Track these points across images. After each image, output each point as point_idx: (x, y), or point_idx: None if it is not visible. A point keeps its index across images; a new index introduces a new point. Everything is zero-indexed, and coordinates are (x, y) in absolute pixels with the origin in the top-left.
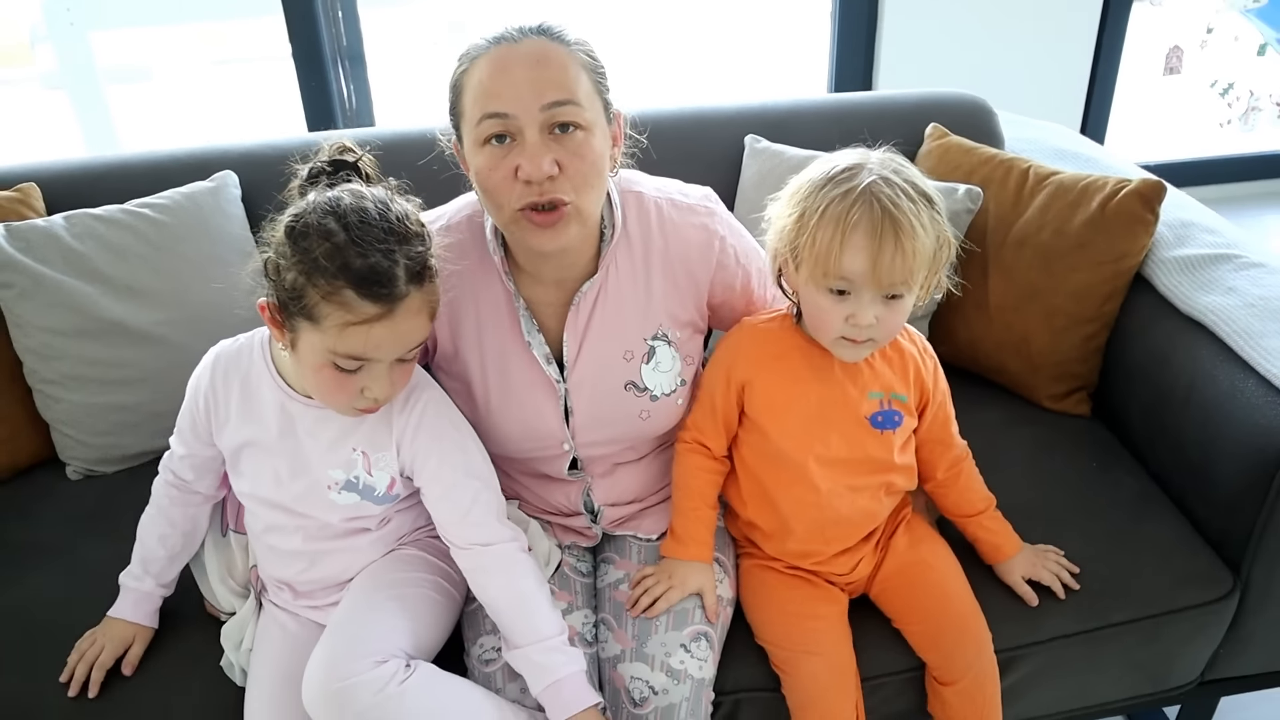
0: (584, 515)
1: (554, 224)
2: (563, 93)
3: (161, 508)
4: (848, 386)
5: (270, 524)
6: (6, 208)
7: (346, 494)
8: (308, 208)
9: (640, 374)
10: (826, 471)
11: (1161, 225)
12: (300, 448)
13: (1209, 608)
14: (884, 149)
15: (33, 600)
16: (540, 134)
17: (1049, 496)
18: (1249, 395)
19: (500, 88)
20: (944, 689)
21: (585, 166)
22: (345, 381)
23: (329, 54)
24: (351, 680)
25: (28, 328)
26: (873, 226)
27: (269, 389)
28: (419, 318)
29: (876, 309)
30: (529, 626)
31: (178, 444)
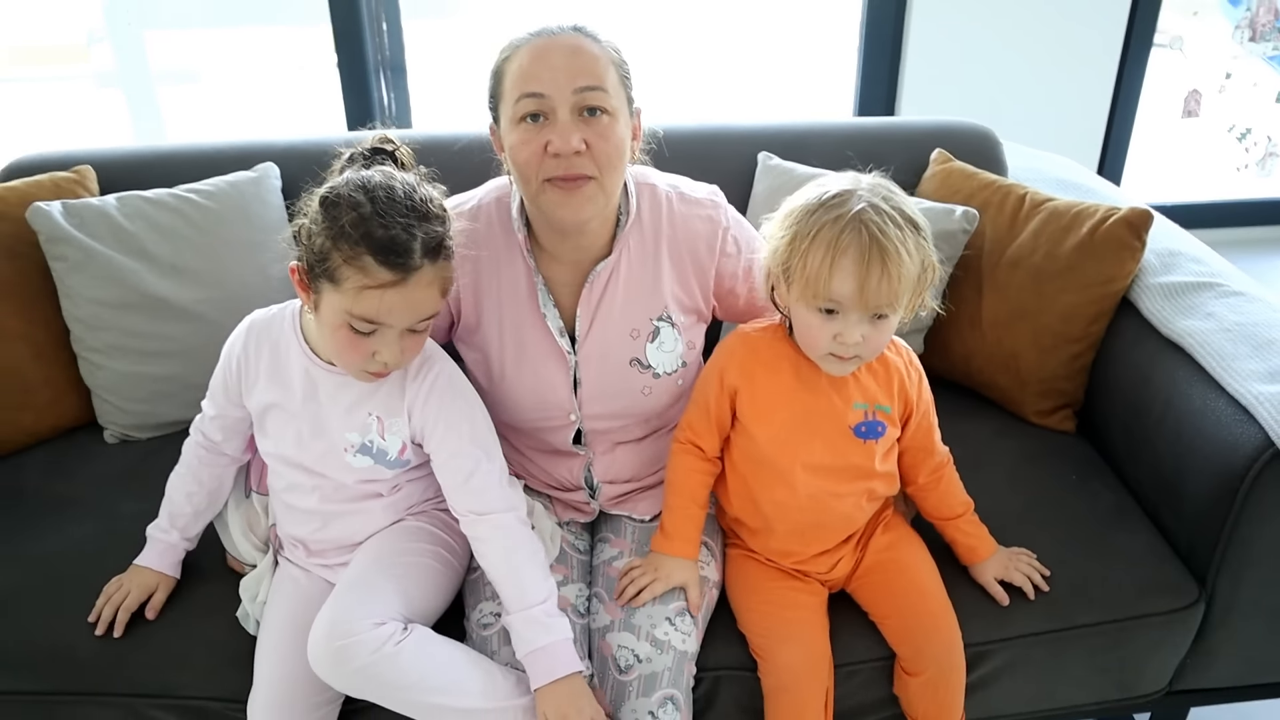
0: (583, 490)
1: (577, 191)
2: (593, 79)
3: (190, 467)
4: (833, 397)
5: (290, 483)
6: (64, 187)
7: (361, 457)
8: (341, 182)
9: (645, 352)
10: (809, 477)
11: (1150, 253)
12: (321, 411)
13: (1173, 616)
14: (875, 174)
15: (67, 549)
16: (571, 114)
17: (1027, 504)
18: (1219, 413)
19: (539, 71)
20: (910, 679)
21: (609, 147)
22: (359, 343)
23: (372, 63)
24: (351, 639)
25: (77, 298)
26: (861, 252)
27: (296, 355)
28: (429, 290)
29: (863, 328)
30: (519, 593)
31: (209, 406)
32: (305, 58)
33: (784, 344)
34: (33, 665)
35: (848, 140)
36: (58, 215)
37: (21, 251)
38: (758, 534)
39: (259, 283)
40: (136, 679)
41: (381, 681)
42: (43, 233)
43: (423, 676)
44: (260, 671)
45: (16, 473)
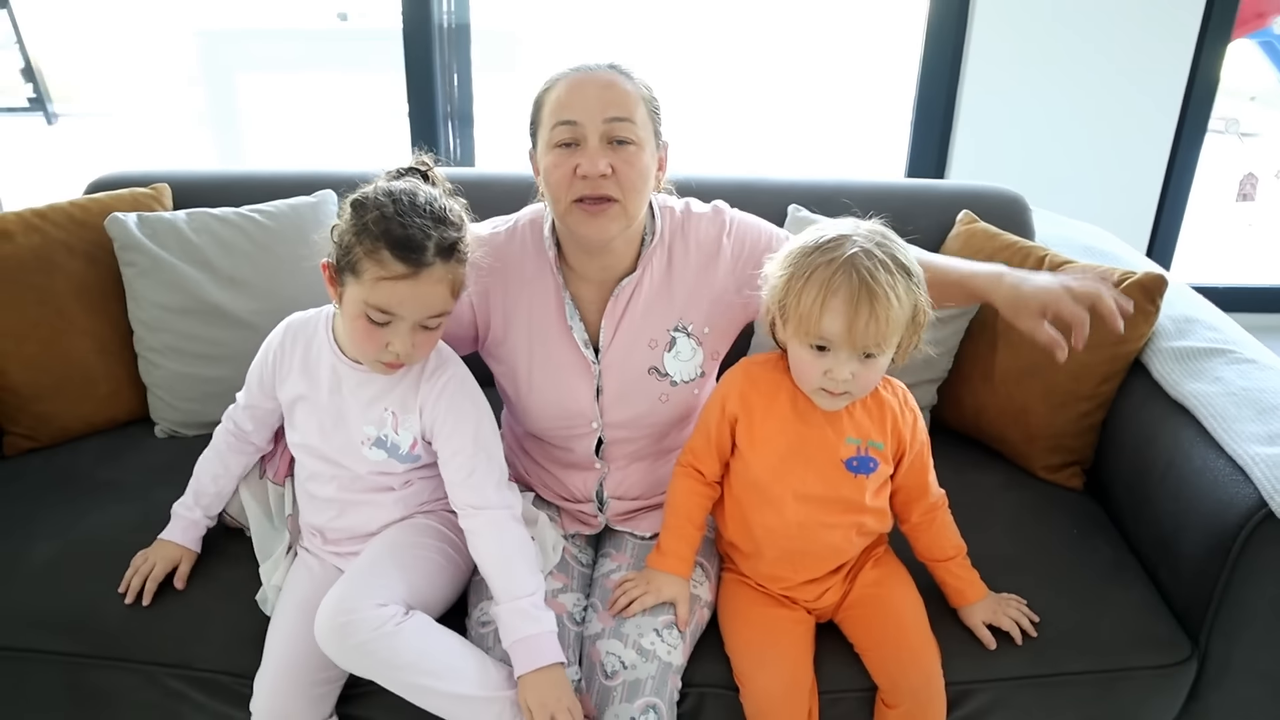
0: (593, 504)
1: (602, 212)
2: (622, 111)
3: (219, 451)
4: (827, 430)
5: (312, 472)
6: (141, 201)
7: (376, 450)
8: (373, 189)
9: (662, 360)
10: (799, 505)
11: (1166, 319)
12: (343, 405)
13: (1163, 671)
14: (875, 220)
15: (107, 528)
16: (600, 141)
17: (1025, 554)
18: (1216, 473)
19: (574, 101)
20: (888, 710)
21: (633, 173)
22: (374, 334)
23: (441, 113)
24: (354, 616)
25: (142, 301)
26: (851, 294)
27: (326, 353)
28: (439, 287)
29: (853, 366)
30: (508, 585)
31: (244, 396)
32: (381, 104)
33: (783, 376)
34: (67, 629)
35: (877, 197)
36: (132, 225)
37: (98, 256)
38: (749, 558)
39: (307, 299)
40: (158, 649)
41: (379, 659)
42: (118, 240)
43: (419, 658)
44: (270, 649)
45: (72, 457)
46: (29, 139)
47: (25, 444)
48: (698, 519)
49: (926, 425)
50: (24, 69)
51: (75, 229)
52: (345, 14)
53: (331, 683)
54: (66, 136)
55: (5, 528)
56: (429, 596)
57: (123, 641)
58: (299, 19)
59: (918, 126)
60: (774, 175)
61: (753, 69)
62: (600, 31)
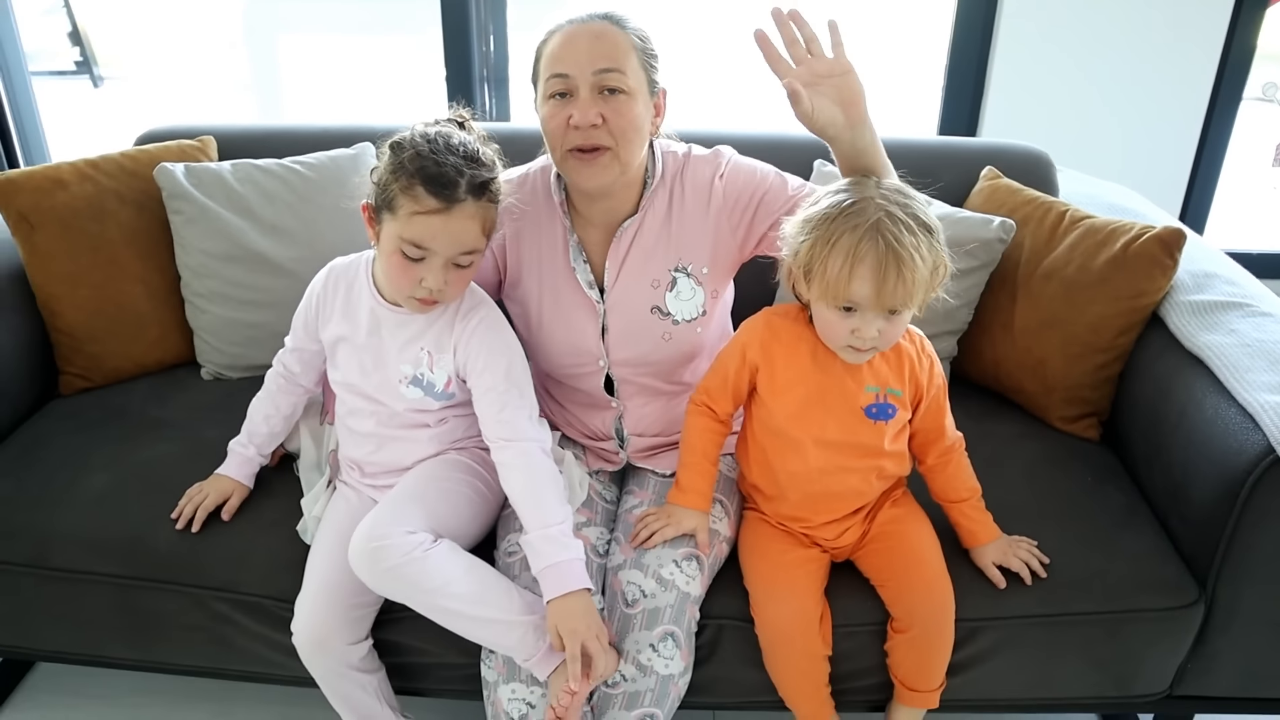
0: (613, 440)
1: (593, 161)
2: (611, 62)
3: (270, 392)
4: (846, 379)
5: (352, 408)
6: (188, 152)
7: (412, 388)
8: (411, 131)
9: (664, 300)
10: (821, 451)
11: (1184, 273)
12: (382, 345)
13: (1169, 614)
14: (893, 179)
15: (158, 462)
16: (590, 92)
17: (1039, 500)
18: (1227, 421)
19: (566, 54)
20: (897, 635)
21: (624, 122)
22: (409, 270)
23: (478, 74)
24: (385, 542)
25: (190, 248)
26: (878, 260)
27: (365, 296)
28: (471, 223)
29: (879, 324)
30: (537, 515)
31: (290, 339)
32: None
33: (803, 327)
34: (119, 553)
35: (902, 154)
36: (180, 175)
37: (147, 205)
38: (772, 500)
39: (346, 245)
40: (204, 573)
41: (409, 582)
42: (166, 189)
43: (446, 582)
44: (309, 574)
45: (125, 396)
46: (76, 101)
47: (80, 383)
48: (712, 455)
49: (947, 376)
50: (71, 33)
51: (126, 178)
52: None
53: (367, 606)
54: (113, 99)
55: (62, 460)
56: (457, 528)
57: (172, 566)
58: None
59: (949, 87)
60: (800, 130)
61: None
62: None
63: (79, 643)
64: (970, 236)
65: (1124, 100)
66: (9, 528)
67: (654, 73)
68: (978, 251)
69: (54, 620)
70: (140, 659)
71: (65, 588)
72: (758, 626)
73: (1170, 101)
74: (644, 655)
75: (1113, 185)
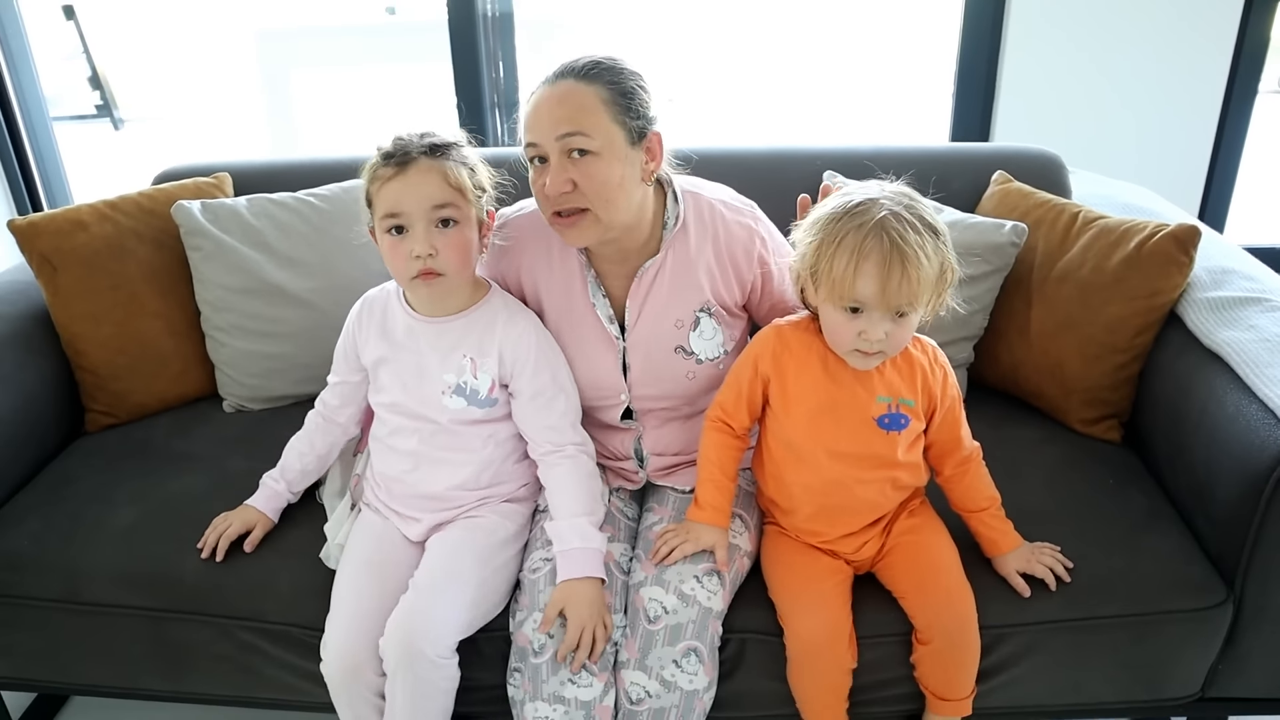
0: (633, 460)
1: (573, 225)
2: (573, 125)
3: (308, 431)
4: (858, 389)
5: (395, 428)
6: (204, 189)
7: (455, 398)
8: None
9: (688, 340)
10: (833, 463)
11: (1201, 270)
12: (422, 359)
13: (1198, 615)
14: (899, 182)
15: (184, 494)
16: (560, 157)
17: (1061, 504)
18: (1249, 418)
19: (532, 121)
20: (922, 647)
21: (595, 184)
22: (398, 247)
23: (488, 101)
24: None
25: (208, 283)
26: (883, 257)
27: (400, 315)
28: (430, 175)
29: (886, 325)
30: (571, 504)
31: (332, 375)
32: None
33: (814, 338)
34: (148, 585)
35: (913, 162)
36: (196, 212)
37: (165, 243)
38: (788, 514)
39: (362, 276)
40: (231, 604)
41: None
42: (183, 226)
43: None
44: (337, 605)
45: (147, 431)
46: (98, 144)
47: (104, 420)
48: (730, 470)
49: (964, 382)
50: (91, 77)
51: (144, 217)
52: (393, 8)
53: None
54: (134, 141)
55: (90, 496)
56: (489, 608)
57: (199, 597)
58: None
59: (960, 92)
60: (808, 143)
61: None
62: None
63: (112, 675)
64: (982, 242)
65: (1138, 99)
66: (40, 564)
67: (638, 119)
68: (990, 257)
69: (87, 654)
70: (172, 689)
71: (96, 621)
72: (787, 637)
73: (1184, 98)
74: (668, 671)
75: (1127, 185)
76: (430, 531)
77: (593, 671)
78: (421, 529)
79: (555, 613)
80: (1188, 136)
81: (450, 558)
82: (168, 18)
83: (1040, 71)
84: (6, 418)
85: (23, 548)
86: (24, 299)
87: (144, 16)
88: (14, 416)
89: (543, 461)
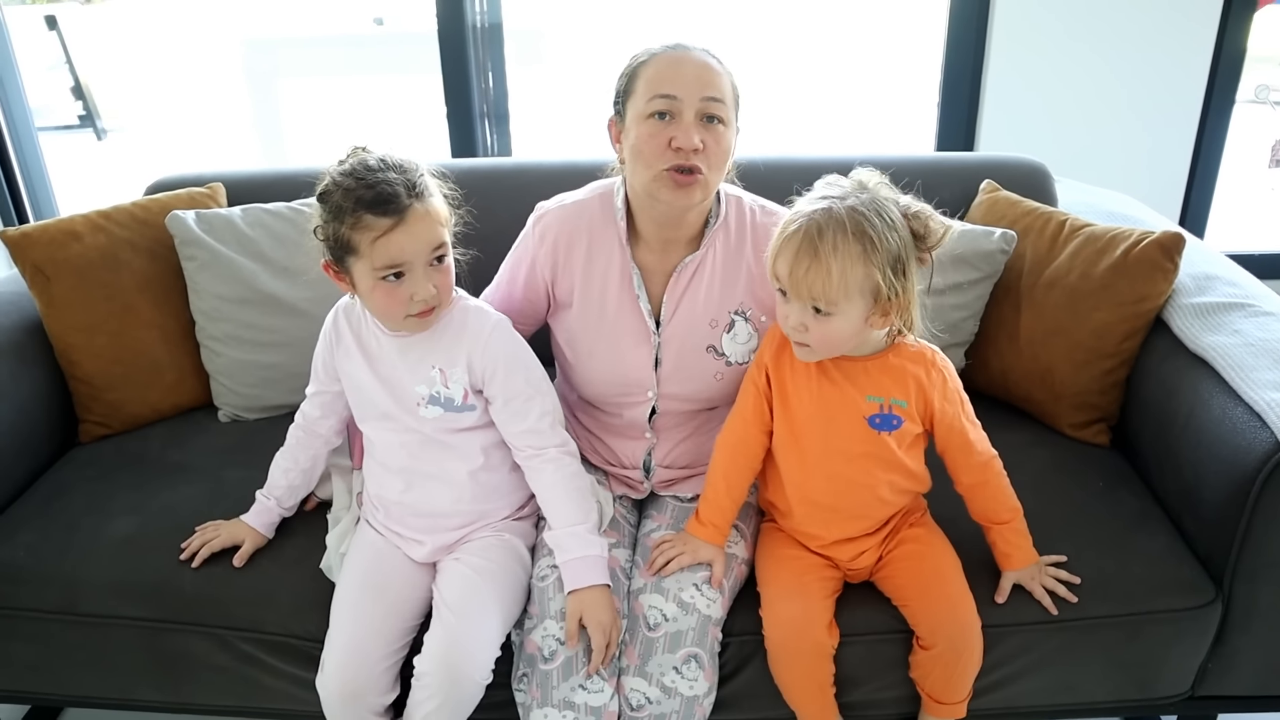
0: (639, 470)
1: (689, 185)
2: (717, 91)
3: (289, 447)
4: (848, 388)
5: (383, 444)
6: (198, 199)
7: (432, 407)
8: (328, 179)
9: (721, 340)
10: (827, 461)
11: (1186, 276)
12: (394, 373)
13: (1188, 614)
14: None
15: (180, 505)
16: (695, 117)
17: (1050, 506)
18: (1235, 420)
19: (673, 76)
20: (923, 652)
21: (720, 150)
22: (395, 292)
23: (478, 111)
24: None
25: (203, 293)
26: (798, 244)
27: (370, 330)
28: (426, 221)
29: (804, 317)
30: (566, 513)
31: (311, 385)
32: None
33: None
34: (144, 596)
35: (901, 171)
36: (191, 222)
37: (160, 253)
38: (786, 515)
39: None
40: (230, 614)
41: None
42: (178, 236)
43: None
44: (337, 628)
45: (142, 442)
46: (81, 155)
47: (99, 430)
48: (736, 493)
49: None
50: (74, 87)
51: (138, 227)
52: (381, 19)
53: (397, 654)
54: (117, 151)
55: (85, 507)
56: (515, 617)
57: (197, 608)
58: (337, 25)
59: (945, 102)
60: (800, 153)
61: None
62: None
63: (108, 687)
64: (972, 249)
65: (1119, 108)
66: (35, 576)
67: (739, 110)
68: (979, 264)
69: (82, 665)
70: (169, 701)
71: (93, 633)
72: (765, 625)
73: (1164, 107)
74: (668, 678)
75: (1110, 193)
76: (437, 553)
77: (604, 676)
78: (426, 551)
79: (576, 624)
80: (1168, 145)
81: (478, 584)
82: (151, 27)
83: (1024, 82)
84: (0, 429)
85: (17, 559)
86: (17, 310)
87: (127, 27)
88: (7, 428)
89: (527, 466)
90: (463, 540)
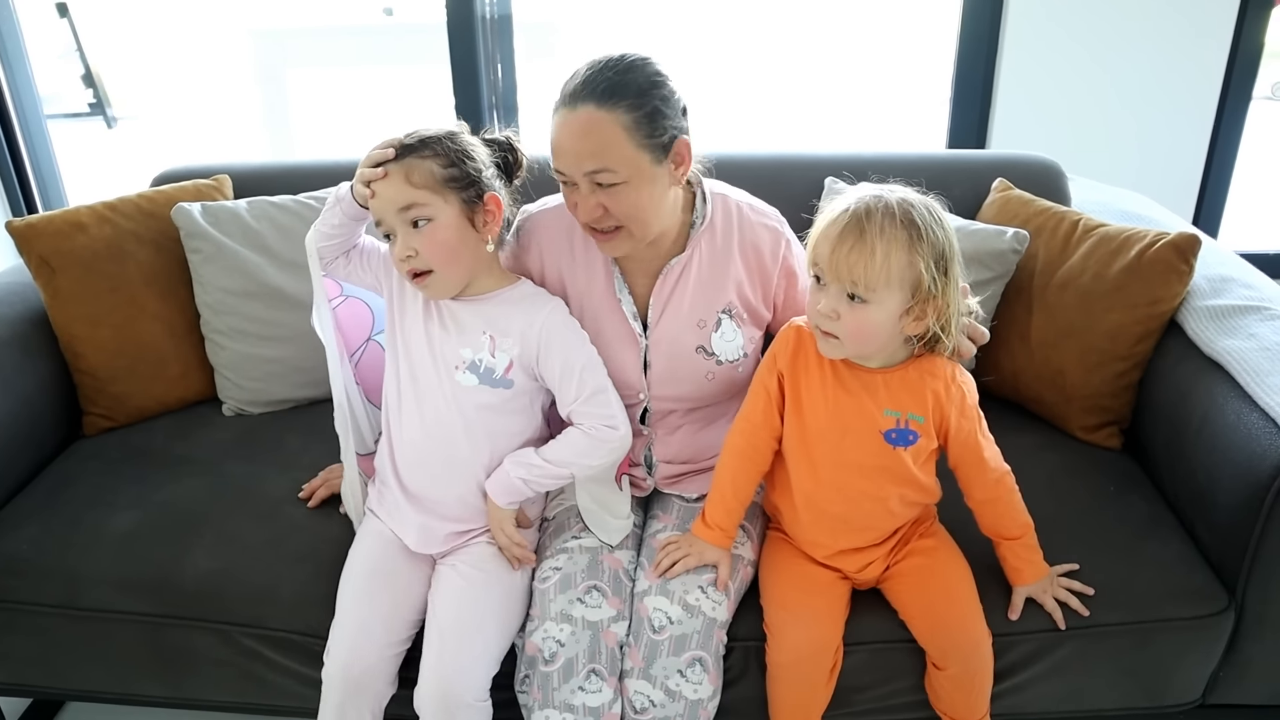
0: (642, 467)
1: (610, 238)
2: (598, 162)
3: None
4: (865, 400)
5: (399, 395)
6: (204, 191)
7: (469, 374)
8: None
9: (710, 340)
10: (836, 472)
11: (1201, 278)
12: (447, 328)
13: (1200, 622)
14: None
15: (183, 499)
16: (588, 186)
17: (1061, 511)
18: (1250, 426)
19: (558, 149)
20: (938, 673)
21: (625, 208)
22: (391, 249)
23: (486, 103)
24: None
25: (208, 286)
26: (843, 225)
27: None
28: (392, 180)
29: (839, 304)
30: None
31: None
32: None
33: None
34: (147, 591)
35: (913, 169)
36: (197, 214)
37: (165, 245)
38: (792, 523)
39: None
40: (232, 609)
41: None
42: (183, 229)
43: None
44: (343, 612)
45: (147, 435)
46: (91, 143)
47: (103, 423)
48: (743, 495)
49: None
50: (84, 75)
51: (143, 219)
52: (391, 9)
53: (401, 645)
54: (126, 139)
55: (89, 500)
56: (515, 630)
57: (200, 603)
58: (346, 16)
59: (957, 99)
60: (810, 149)
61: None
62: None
63: (110, 681)
64: (984, 249)
65: (1133, 105)
66: (38, 569)
67: (662, 134)
68: (991, 263)
69: (84, 659)
70: (171, 695)
71: (95, 627)
72: (770, 647)
73: (1179, 104)
74: (672, 681)
75: (1124, 192)
76: (431, 543)
77: (602, 676)
78: (417, 537)
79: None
80: (1183, 143)
81: (471, 600)
82: (162, 16)
83: (1037, 79)
84: (3, 421)
85: (20, 552)
86: (22, 301)
87: (138, 15)
88: (11, 419)
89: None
90: (462, 545)
